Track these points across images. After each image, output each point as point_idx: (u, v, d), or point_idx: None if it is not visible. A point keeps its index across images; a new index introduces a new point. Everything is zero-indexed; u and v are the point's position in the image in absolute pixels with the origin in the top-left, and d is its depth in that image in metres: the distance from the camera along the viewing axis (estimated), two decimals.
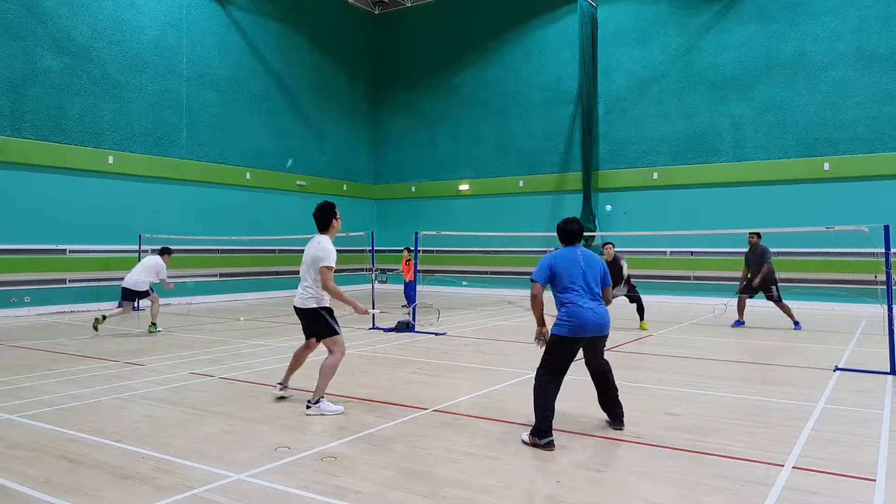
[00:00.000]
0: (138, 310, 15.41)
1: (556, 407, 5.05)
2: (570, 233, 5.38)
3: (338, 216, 6.19)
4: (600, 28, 19.45)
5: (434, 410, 5.96)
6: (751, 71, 17.30)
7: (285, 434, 5.19)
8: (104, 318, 11.18)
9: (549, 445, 4.83)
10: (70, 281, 14.90)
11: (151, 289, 11.56)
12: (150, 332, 11.29)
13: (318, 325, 6.05)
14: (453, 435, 5.18)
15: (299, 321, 6.26)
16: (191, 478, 4.20)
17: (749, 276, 12.38)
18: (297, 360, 6.49)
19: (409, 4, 23.43)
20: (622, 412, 5.40)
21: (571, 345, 5.14)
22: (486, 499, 3.87)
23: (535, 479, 4.21)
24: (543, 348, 5.34)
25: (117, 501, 3.84)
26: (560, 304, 5.24)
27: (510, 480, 4.18)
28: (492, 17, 21.66)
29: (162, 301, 16.52)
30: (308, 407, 5.84)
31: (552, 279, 5.24)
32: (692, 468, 4.40)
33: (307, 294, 6.00)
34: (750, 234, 12.49)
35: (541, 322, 5.32)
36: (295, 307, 6.15)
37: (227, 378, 7.43)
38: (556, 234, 5.53)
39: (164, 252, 11.90)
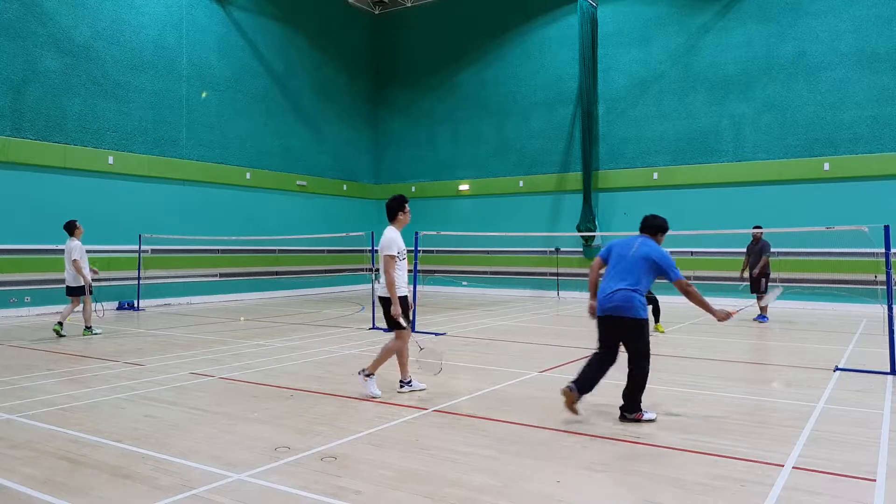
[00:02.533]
0: (138, 309, 15.42)
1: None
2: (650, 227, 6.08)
3: (405, 210, 6.65)
4: (600, 28, 19.44)
5: (434, 410, 5.96)
6: (751, 71, 17.30)
7: (285, 434, 5.19)
8: (60, 324, 10.83)
9: (569, 389, 5.49)
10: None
11: (88, 287, 11.01)
12: (85, 334, 10.90)
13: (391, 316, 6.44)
14: (453, 435, 5.18)
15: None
16: (191, 478, 4.20)
17: (749, 269, 13.24)
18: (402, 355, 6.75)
19: (409, 4, 23.43)
20: (624, 406, 5.63)
21: (598, 322, 5.75)
22: (486, 499, 3.87)
23: (535, 479, 4.21)
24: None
25: (117, 501, 3.84)
26: None
27: (510, 480, 4.18)
28: (492, 17, 21.66)
29: (159, 301, 16.61)
30: (360, 373, 6.52)
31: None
32: (692, 468, 4.40)
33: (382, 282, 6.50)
34: (755, 226, 13.27)
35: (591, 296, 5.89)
36: (380, 297, 6.57)
37: (227, 378, 7.43)
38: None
39: (72, 230, 11.04)
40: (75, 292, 11.11)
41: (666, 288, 17.59)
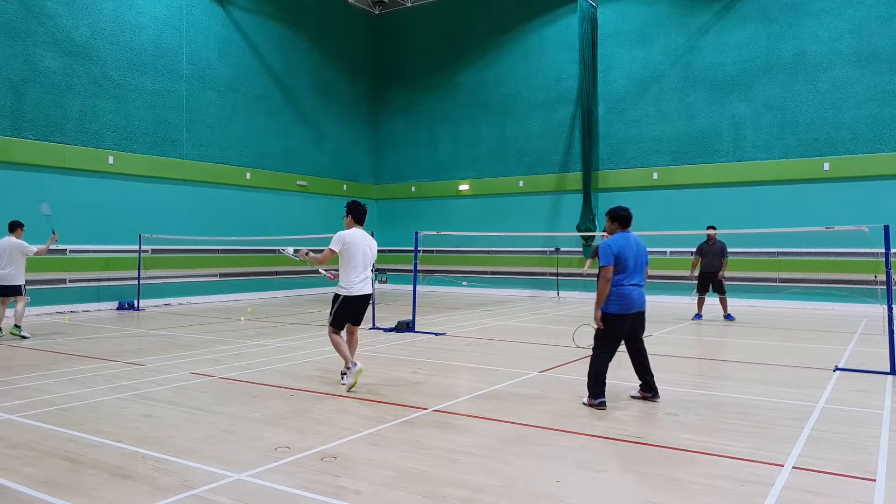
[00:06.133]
0: (138, 309, 15.42)
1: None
2: (626, 219, 6.40)
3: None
4: (600, 28, 19.44)
5: (434, 410, 5.96)
6: (751, 71, 17.30)
7: (285, 434, 5.19)
8: (19, 327, 10.69)
9: (601, 406, 5.97)
10: (70, 281, 14.90)
11: (24, 287, 10.93)
12: (13, 333, 10.63)
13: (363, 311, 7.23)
14: (453, 435, 5.18)
15: (354, 310, 7.09)
16: (191, 478, 4.20)
17: (701, 270, 13.44)
18: (351, 345, 7.22)
19: (409, 4, 23.43)
20: (650, 386, 6.32)
21: (622, 321, 6.10)
22: (486, 499, 3.87)
23: (535, 479, 4.21)
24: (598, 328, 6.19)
25: (117, 501, 3.84)
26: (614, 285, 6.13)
27: (510, 480, 4.18)
28: (492, 17, 21.66)
29: (159, 301, 16.63)
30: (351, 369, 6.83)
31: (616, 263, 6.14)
32: (692, 468, 4.40)
33: (370, 281, 7.16)
34: (709, 227, 13.43)
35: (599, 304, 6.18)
36: (363, 296, 7.05)
37: (227, 378, 7.43)
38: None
39: (15, 228, 10.97)
40: (14, 291, 10.80)
41: (652, 287, 17.44)
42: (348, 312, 7.02)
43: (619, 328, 6.11)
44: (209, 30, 18.11)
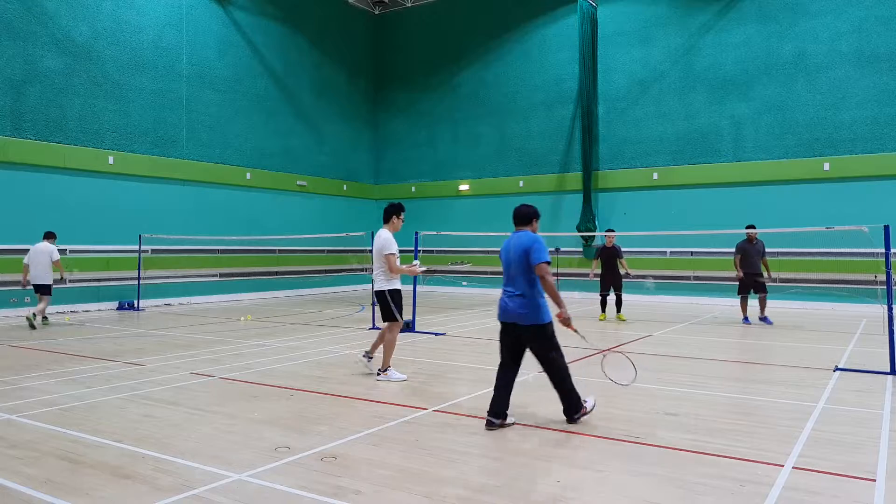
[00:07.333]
0: (138, 309, 15.42)
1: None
2: (514, 217, 5.89)
3: (401, 217, 7.62)
4: (600, 28, 19.44)
5: (434, 410, 5.96)
6: (751, 71, 17.30)
7: (285, 434, 5.19)
8: (35, 315, 12.16)
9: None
10: (70, 281, 14.89)
11: (51, 283, 12.59)
12: (45, 324, 12.44)
13: (383, 307, 7.39)
14: (453, 435, 5.18)
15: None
16: (191, 478, 4.20)
17: (745, 271, 12.63)
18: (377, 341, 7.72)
19: (409, 4, 23.43)
20: (564, 408, 5.53)
21: (501, 326, 5.58)
22: (486, 499, 3.87)
23: (535, 479, 4.21)
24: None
25: (117, 501, 3.84)
26: None
27: (510, 480, 4.18)
28: (492, 17, 21.66)
29: (159, 301, 16.63)
30: (378, 373, 7.32)
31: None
32: (692, 468, 4.40)
33: (377, 278, 7.46)
34: (748, 226, 12.70)
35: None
36: (377, 291, 7.53)
37: (227, 378, 7.43)
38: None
39: (50, 236, 12.78)
40: (45, 290, 12.50)
41: (664, 287, 17.32)
42: None
43: (501, 332, 5.61)
44: (209, 30, 18.11)
